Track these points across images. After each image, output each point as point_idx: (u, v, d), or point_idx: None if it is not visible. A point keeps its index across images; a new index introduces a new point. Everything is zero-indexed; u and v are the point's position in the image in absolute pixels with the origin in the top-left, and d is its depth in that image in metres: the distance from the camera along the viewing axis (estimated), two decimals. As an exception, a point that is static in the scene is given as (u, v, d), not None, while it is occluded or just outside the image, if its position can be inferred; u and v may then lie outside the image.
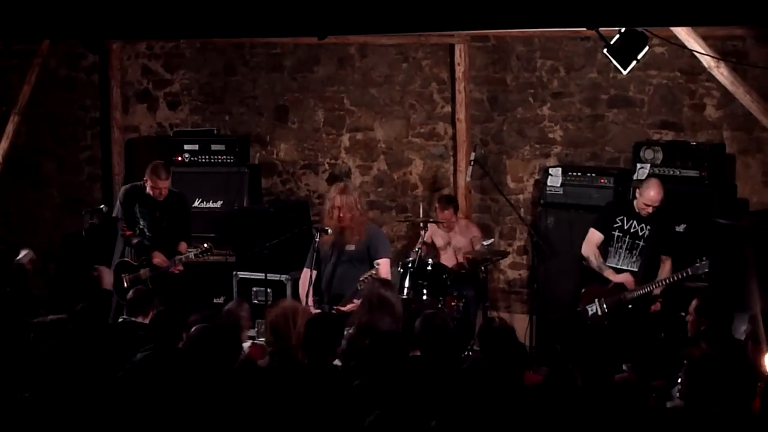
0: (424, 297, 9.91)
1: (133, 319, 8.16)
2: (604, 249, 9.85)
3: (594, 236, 9.90)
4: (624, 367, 8.06)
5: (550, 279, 10.94)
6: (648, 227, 9.63)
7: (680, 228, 10.17)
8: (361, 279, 8.94)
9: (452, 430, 5.30)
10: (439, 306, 9.86)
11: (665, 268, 9.65)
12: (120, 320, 8.34)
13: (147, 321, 8.06)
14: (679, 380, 6.49)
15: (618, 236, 9.77)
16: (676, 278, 9.43)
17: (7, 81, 13.14)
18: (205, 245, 10.28)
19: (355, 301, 8.86)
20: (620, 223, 9.76)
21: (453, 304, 10.10)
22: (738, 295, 8.49)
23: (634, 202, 9.71)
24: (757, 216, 10.16)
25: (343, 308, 9.02)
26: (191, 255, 10.27)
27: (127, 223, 10.47)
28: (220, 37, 12.12)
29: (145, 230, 10.47)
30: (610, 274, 9.72)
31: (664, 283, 9.50)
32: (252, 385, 6.48)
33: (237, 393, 6.23)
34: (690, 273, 9.30)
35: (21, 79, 12.33)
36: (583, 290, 9.90)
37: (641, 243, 9.66)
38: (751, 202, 10.67)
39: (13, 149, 12.34)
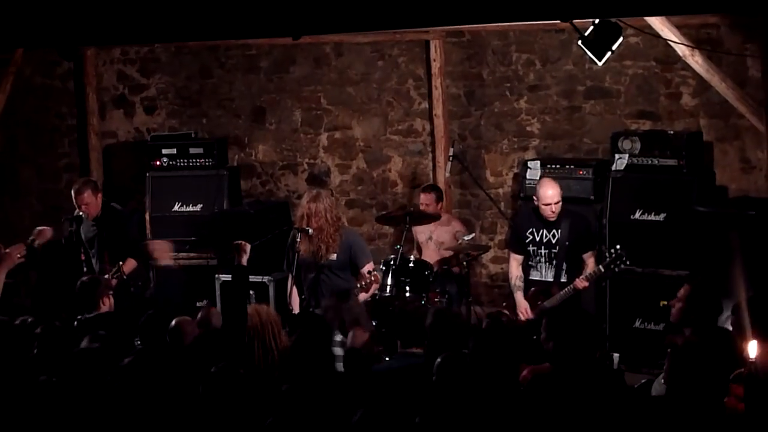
0: (407, 294, 9.91)
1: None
2: (526, 266, 9.78)
3: (512, 259, 9.88)
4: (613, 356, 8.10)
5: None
6: (558, 231, 9.57)
7: (660, 217, 10.20)
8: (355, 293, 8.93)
9: (436, 426, 5.32)
10: (423, 302, 9.86)
11: (589, 265, 9.54)
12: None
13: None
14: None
15: (534, 250, 9.70)
16: (590, 276, 9.31)
17: (-18, 90, 13.10)
18: (120, 263, 9.94)
19: None
20: (531, 237, 9.70)
21: (436, 300, 10.10)
22: (720, 283, 8.51)
23: (539, 210, 9.60)
24: (737, 202, 10.20)
25: None
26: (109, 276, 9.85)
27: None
28: (195, 40, 12.09)
29: (88, 252, 10.39)
30: (518, 298, 9.68)
31: (572, 289, 9.30)
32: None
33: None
34: (602, 271, 9.23)
35: (-4, 88, 12.30)
36: (504, 304, 9.95)
37: (556, 250, 9.60)
38: (730, 189, 10.71)
39: (-10, 159, 12.32)
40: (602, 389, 6.24)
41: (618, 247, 9.21)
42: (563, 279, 9.59)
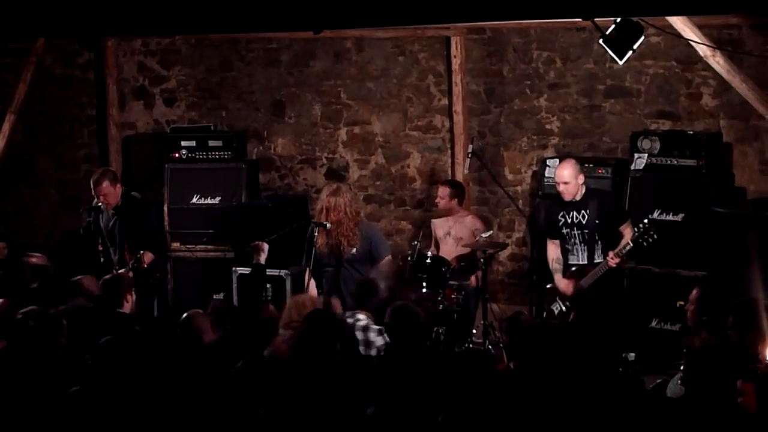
0: (424, 289, 9.91)
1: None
2: (564, 250, 9.84)
3: (549, 243, 9.94)
4: (628, 356, 8.08)
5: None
6: (588, 211, 9.65)
7: (678, 217, 10.18)
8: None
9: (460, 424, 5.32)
10: (439, 298, 9.86)
11: (626, 236, 9.61)
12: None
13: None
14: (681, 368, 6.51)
15: (568, 232, 9.75)
16: (620, 251, 9.41)
17: (2, 79, 13.14)
18: (137, 255, 9.76)
19: None
20: (563, 219, 9.75)
21: (453, 296, 10.11)
22: (737, 284, 8.49)
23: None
24: (755, 204, 10.16)
25: None
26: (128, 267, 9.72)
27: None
28: (216, 33, 12.11)
29: (106, 242, 10.38)
30: (557, 278, 9.80)
31: (605, 267, 9.44)
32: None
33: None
34: (631, 245, 9.34)
35: (17, 77, 12.33)
36: (548, 286, 9.97)
37: (588, 230, 9.67)
38: (748, 190, 10.68)
39: (9, 148, 12.35)
40: (618, 390, 6.24)
41: (646, 221, 9.35)
42: (597, 259, 9.63)
